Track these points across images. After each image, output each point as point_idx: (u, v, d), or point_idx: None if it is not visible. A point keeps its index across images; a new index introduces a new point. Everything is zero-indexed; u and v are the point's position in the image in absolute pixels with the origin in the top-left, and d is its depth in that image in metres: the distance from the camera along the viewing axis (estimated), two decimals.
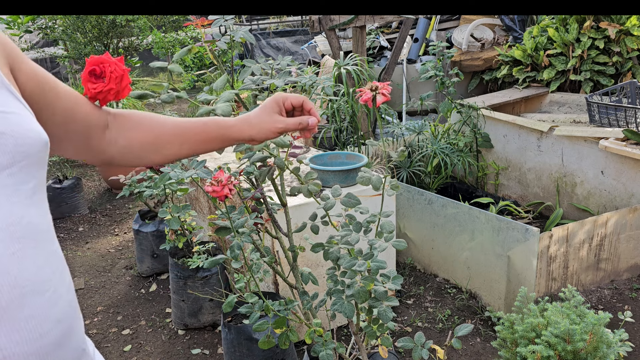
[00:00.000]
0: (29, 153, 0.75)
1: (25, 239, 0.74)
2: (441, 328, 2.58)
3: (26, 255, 0.73)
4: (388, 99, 1.31)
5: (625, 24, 3.91)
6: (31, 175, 0.77)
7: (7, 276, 0.70)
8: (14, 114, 0.76)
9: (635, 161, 2.85)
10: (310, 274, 1.65)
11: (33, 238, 0.75)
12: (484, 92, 5.00)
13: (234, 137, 1.05)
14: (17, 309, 0.71)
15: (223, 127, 1.04)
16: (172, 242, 2.62)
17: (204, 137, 1.04)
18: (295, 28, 11.28)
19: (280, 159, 1.37)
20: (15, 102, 0.78)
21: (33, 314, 0.73)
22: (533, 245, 2.39)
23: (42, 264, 0.76)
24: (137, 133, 1.02)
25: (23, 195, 0.75)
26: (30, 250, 0.74)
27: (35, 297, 0.73)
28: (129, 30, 4.72)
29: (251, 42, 9.77)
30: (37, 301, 0.74)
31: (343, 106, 3.57)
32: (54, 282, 0.77)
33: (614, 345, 1.70)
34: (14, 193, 0.73)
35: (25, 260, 0.73)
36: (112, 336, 2.71)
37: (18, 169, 0.74)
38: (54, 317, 0.76)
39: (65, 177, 4.30)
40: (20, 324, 0.71)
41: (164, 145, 1.03)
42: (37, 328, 0.73)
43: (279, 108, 1.06)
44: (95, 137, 0.99)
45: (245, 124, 1.05)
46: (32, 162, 0.76)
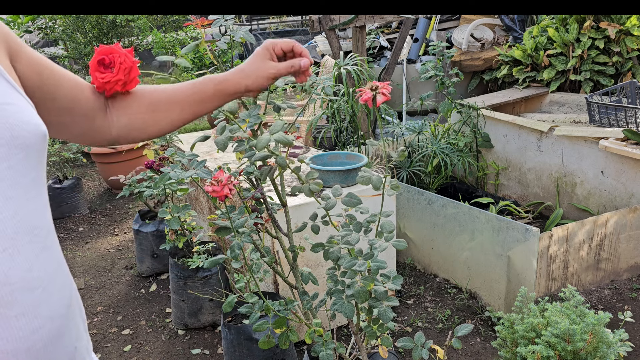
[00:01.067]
0: (27, 145, 0.74)
1: (19, 235, 0.73)
2: (441, 328, 2.58)
3: (18, 252, 0.72)
4: (388, 98, 1.31)
5: (625, 24, 3.91)
6: (30, 168, 0.76)
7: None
8: (12, 104, 0.75)
9: (635, 161, 2.85)
10: (310, 274, 1.65)
11: (27, 234, 0.74)
12: (484, 92, 5.00)
13: (230, 91, 1.06)
14: (7, 306, 0.70)
15: (219, 82, 1.05)
16: (172, 242, 2.62)
17: (202, 96, 1.05)
18: (295, 28, 11.28)
19: (282, 158, 1.37)
20: (13, 93, 0.77)
21: (23, 311, 0.72)
22: (533, 245, 2.39)
23: (35, 261, 0.74)
24: (136, 108, 1.02)
25: (20, 190, 0.74)
26: (23, 247, 0.73)
27: (25, 293, 0.72)
28: (129, 30, 4.72)
29: (251, 42, 9.76)
30: (27, 298, 0.73)
31: (343, 106, 3.57)
32: (45, 279, 0.76)
33: (614, 345, 1.70)
34: (10, 187, 0.72)
35: (17, 257, 0.72)
36: (112, 336, 2.71)
37: (16, 162, 0.73)
38: (46, 314, 0.75)
39: (65, 177, 4.29)
40: (10, 321, 0.71)
41: (165, 114, 1.04)
42: (27, 325, 0.72)
43: (270, 54, 1.07)
44: (99, 118, 1.00)
45: (240, 74, 1.06)
46: (30, 155, 0.75)
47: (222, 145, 1.33)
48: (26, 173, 0.75)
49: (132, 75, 0.98)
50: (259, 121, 1.42)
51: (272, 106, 1.55)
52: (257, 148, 1.29)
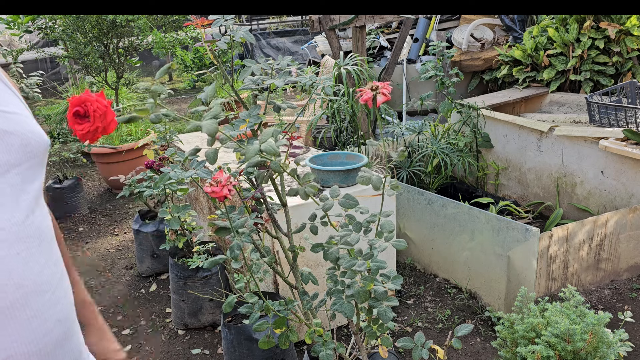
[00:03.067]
0: (35, 153, 0.76)
1: (30, 239, 0.74)
2: (441, 328, 2.58)
3: (30, 256, 0.73)
4: (388, 98, 1.31)
5: (625, 24, 3.91)
6: (36, 175, 0.77)
7: (12, 276, 0.70)
8: (17, 114, 0.76)
9: (635, 161, 2.85)
10: (310, 274, 1.65)
11: (37, 238, 0.75)
12: (484, 92, 5.00)
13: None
14: (21, 308, 0.71)
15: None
16: (172, 242, 2.62)
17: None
18: (295, 28, 11.28)
19: (276, 163, 1.36)
20: (17, 101, 0.78)
21: (35, 314, 0.73)
22: (533, 245, 2.39)
23: (44, 265, 0.76)
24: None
25: (30, 195, 0.75)
26: (34, 250, 0.74)
27: (37, 297, 0.73)
28: (129, 30, 4.71)
29: (251, 42, 9.77)
30: (38, 301, 0.74)
31: (343, 106, 3.57)
32: (54, 283, 0.77)
33: (614, 345, 1.70)
34: (20, 193, 0.74)
35: (29, 261, 0.73)
36: None
37: (25, 169, 0.74)
38: (55, 317, 0.76)
39: (65, 177, 4.30)
40: (24, 323, 0.72)
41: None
42: (39, 328, 0.73)
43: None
44: None
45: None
46: (37, 163, 0.77)
47: (212, 159, 1.31)
48: (34, 179, 0.76)
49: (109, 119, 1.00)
50: (259, 121, 1.42)
51: (272, 106, 1.55)
52: (246, 158, 1.28)
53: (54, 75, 9.71)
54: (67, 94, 5.84)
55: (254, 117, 1.43)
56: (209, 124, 1.27)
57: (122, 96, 5.47)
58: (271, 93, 1.43)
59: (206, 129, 1.27)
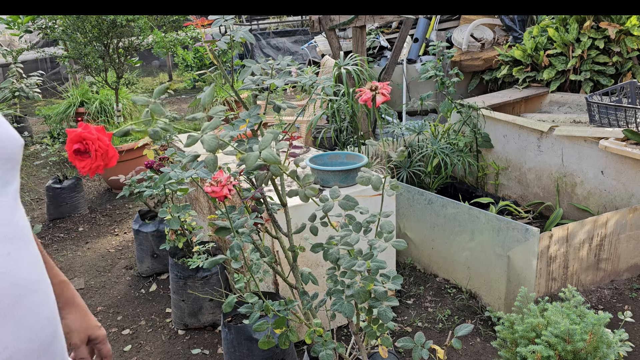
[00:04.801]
0: (11, 156, 0.77)
1: (17, 240, 0.75)
2: (441, 328, 2.58)
3: (20, 256, 0.75)
4: (388, 98, 1.31)
5: (625, 24, 3.91)
6: (14, 177, 0.78)
7: (6, 276, 0.72)
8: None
9: (635, 161, 2.85)
10: (310, 274, 1.65)
11: (22, 239, 0.77)
12: (484, 92, 5.00)
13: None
14: (17, 307, 0.73)
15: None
16: (172, 242, 2.62)
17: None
18: (295, 28, 11.28)
19: (275, 167, 1.36)
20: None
21: (30, 312, 0.75)
22: (533, 245, 2.39)
23: (31, 264, 0.78)
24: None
25: (10, 197, 0.76)
26: (21, 251, 0.76)
27: (29, 296, 0.76)
28: (129, 30, 4.71)
29: (251, 42, 9.77)
30: (31, 300, 0.76)
31: (343, 106, 3.57)
32: (41, 281, 0.79)
33: (614, 345, 1.70)
34: (1, 195, 0.75)
35: (19, 261, 0.74)
36: (112, 336, 2.71)
37: (4, 172, 0.75)
38: (45, 315, 0.79)
39: (65, 177, 4.29)
40: (22, 322, 0.73)
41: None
42: (35, 325, 0.76)
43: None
44: None
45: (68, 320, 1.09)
46: (14, 165, 0.78)
47: (212, 167, 1.30)
48: (12, 181, 0.78)
49: (110, 155, 0.99)
50: (259, 121, 1.42)
51: (272, 106, 1.55)
52: (246, 165, 1.27)
53: (54, 75, 9.71)
54: (67, 93, 5.84)
55: (254, 117, 1.43)
56: (209, 140, 1.24)
57: (122, 96, 5.47)
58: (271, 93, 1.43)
59: (207, 145, 1.24)
